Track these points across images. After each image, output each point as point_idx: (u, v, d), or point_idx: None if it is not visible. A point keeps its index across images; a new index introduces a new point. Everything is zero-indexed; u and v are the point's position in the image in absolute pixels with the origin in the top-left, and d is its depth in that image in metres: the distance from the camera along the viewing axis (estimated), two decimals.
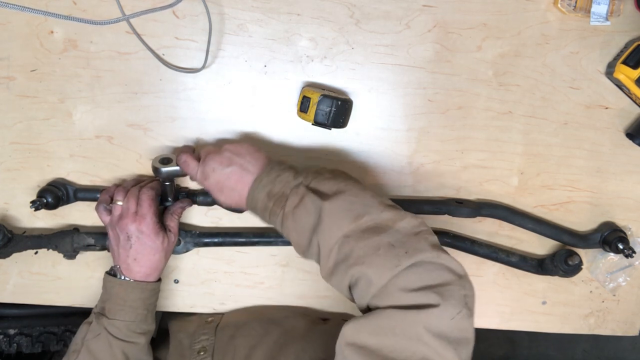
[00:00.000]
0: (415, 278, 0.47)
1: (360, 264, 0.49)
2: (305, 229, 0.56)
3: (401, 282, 0.47)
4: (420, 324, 0.44)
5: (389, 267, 0.48)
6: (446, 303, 0.45)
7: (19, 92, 0.75)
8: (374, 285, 0.48)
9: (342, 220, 0.53)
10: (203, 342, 0.75)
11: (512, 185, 0.83)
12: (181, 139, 0.78)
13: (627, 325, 0.89)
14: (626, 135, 0.81)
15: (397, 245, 0.50)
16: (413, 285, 0.47)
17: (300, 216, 0.56)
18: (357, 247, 0.51)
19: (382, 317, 0.46)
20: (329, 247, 0.53)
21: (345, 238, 0.52)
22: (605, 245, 0.82)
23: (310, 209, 0.56)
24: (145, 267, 0.68)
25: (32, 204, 0.72)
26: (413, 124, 0.80)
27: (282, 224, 0.59)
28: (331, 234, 0.53)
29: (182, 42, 0.75)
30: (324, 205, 0.55)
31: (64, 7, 0.73)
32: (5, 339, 1.01)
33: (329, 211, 0.54)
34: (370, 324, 0.46)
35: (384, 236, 0.51)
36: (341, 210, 0.54)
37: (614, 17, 0.76)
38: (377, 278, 0.48)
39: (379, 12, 0.76)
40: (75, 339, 0.69)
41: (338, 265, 0.52)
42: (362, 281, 0.49)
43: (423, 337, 0.44)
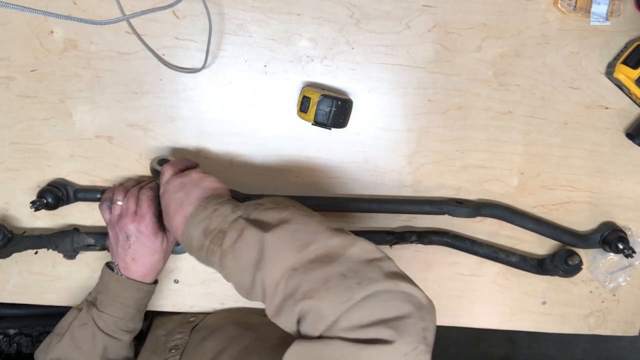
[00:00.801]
0: (368, 312, 0.43)
1: (308, 298, 0.45)
2: (246, 265, 0.50)
3: (354, 317, 0.43)
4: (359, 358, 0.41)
5: (340, 301, 0.43)
6: (400, 339, 0.41)
7: (19, 92, 0.75)
8: (324, 320, 0.43)
9: (287, 251, 0.49)
10: (176, 341, 0.74)
11: (512, 185, 0.83)
12: (181, 139, 0.78)
13: (627, 325, 0.89)
14: (626, 135, 0.81)
15: (348, 276, 0.45)
16: (366, 320, 0.42)
17: (240, 252, 0.51)
18: (305, 280, 0.46)
19: (329, 347, 0.42)
20: (274, 282, 0.48)
21: (292, 271, 0.47)
22: (605, 245, 0.82)
23: (251, 242, 0.50)
24: (143, 267, 0.68)
25: (32, 205, 0.72)
26: (413, 124, 0.80)
27: (221, 263, 0.53)
28: (276, 268, 0.48)
29: (182, 42, 0.75)
30: (266, 237, 0.50)
31: (64, 7, 0.73)
32: (5, 339, 1.01)
33: (272, 243, 0.50)
34: (315, 352, 0.42)
35: (335, 266, 0.46)
36: (285, 240, 0.50)
37: (614, 17, 0.76)
38: (327, 313, 0.43)
39: (379, 12, 0.76)
40: (62, 322, 0.70)
41: (285, 302, 0.47)
42: (311, 315, 0.45)
43: None
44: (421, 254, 0.84)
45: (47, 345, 0.69)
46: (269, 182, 0.80)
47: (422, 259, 0.84)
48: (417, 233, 0.81)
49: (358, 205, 0.79)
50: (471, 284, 0.86)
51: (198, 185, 0.60)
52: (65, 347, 0.68)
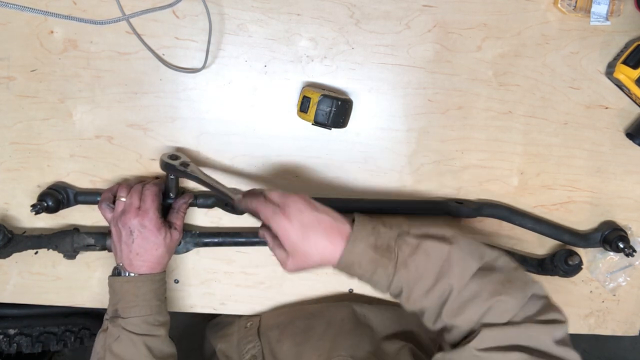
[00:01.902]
0: (538, 303, 0.55)
1: (497, 295, 0.54)
2: (428, 274, 0.56)
3: (531, 307, 0.54)
4: (549, 335, 0.52)
5: (518, 297, 0.54)
6: (565, 319, 0.55)
7: (19, 92, 0.75)
8: (510, 311, 0.53)
9: (470, 261, 0.57)
10: (251, 351, 0.75)
11: (512, 185, 0.83)
12: (181, 139, 0.78)
13: (627, 325, 0.89)
14: (626, 135, 0.81)
15: (512, 280, 0.56)
16: (539, 309, 0.55)
17: (419, 263, 0.56)
18: (487, 282, 0.56)
19: (520, 328, 0.52)
20: (461, 285, 0.55)
21: (475, 276, 0.56)
22: (606, 244, 0.82)
23: (433, 254, 0.57)
24: (149, 262, 0.69)
25: (32, 208, 0.72)
26: (413, 124, 0.80)
27: (395, 274, 0.57)
28: (463, 275, 0.56)
29: (182, 42, 0.75)
30: (452, 248, 0.57)
31: (64, 7, 0.73)
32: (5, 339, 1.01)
33: (457, 254, 0.57)
34: (510, 333, 0.52)
35: (497, 274, 0.57)
36: (467, 252, 0.58)
37: (614, 17, 0.76)
38: (512, 306, 0.53)
39: (379, 12, 0.76)
40: (95, 349, 0.69)
41: (473, 300, 0.55)
42: (497, 309, 0.54)
43: (550, 346, 0.52)
44: None
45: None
46: (269, 182, 0.80)
47: None
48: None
49: (358, 206, 0.79)
50: None
51: (314, 204, 0.61)
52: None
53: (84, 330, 1.07)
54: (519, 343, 0.51)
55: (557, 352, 0.52)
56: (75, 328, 1.06)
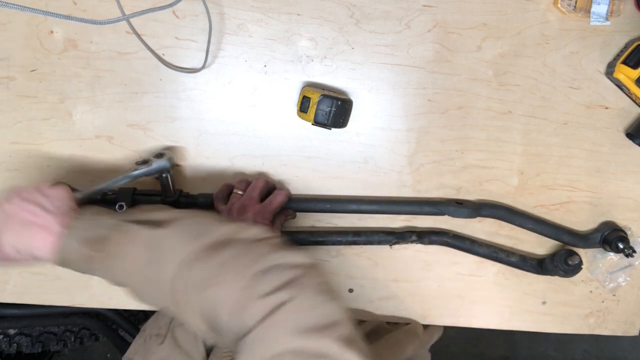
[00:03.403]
0: (265, 284, 0.43)
1: (210, 286, 0.44)
2: (136, 265, 0.49)
3: (253, 292, 0.43)
4: (280, 328, 0.40)
5: (242, 277, 0.44)
6: (301, 295, 0.42)
7: (19, 92, 0.75)
8: (226, 303, 0.43)
9: (180, 244, 0.48)
10: None
11: (512, 185, 0.83)
12: (181, 139, 0.78)
13: (627, 325, 0.89)
14: (626, 135, 0.81)
15: (240, 256, 0.46)
16: (264, 291, 0.43)
17: (128, 253, 0.49)
18: (202, 268, 0.46)
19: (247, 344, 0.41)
20: (169, 277, 0.46)
21: (187, 262, 0.47)
22: (606, 244, 0.82)
23: (141, 240, 0.49)
24: None
25: None
26: (413, 124, 0.80)
27: (112, 267, 0.50)
28: (169, 261, 0.47)
29: (182, 42, 0.75)
30: (157, 233, 0.49)
31: (64, 7, 0.73)
32: (5, 339, 1.01)
33: (164, 237, 0.49)
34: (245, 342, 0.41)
35: (228, 250, 0.47)
36: (179, 234, 0.49)
37: (614, 17, 0.76)
38: (228, 293, 0.43)
39: (379, 12, 0.76)
40: (158, 321, 0.67)
41: (187, 294, 0.45)
42: (218, 307, 0.44)
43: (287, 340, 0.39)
44: (421, 254, 0.84)
45: (147, 348, 0.66)
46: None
47: (422, 259, 0.84)
48: (417, 233, 0.81)
49: (358, 206, 0.79)
50: (471, 284, 0.86)
51: (57, 198, 0.56)
52: (167, 348, 0.65)
53: (84, 330, 1.07)
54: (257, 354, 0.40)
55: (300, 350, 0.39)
56: (75, 328, 1.06)
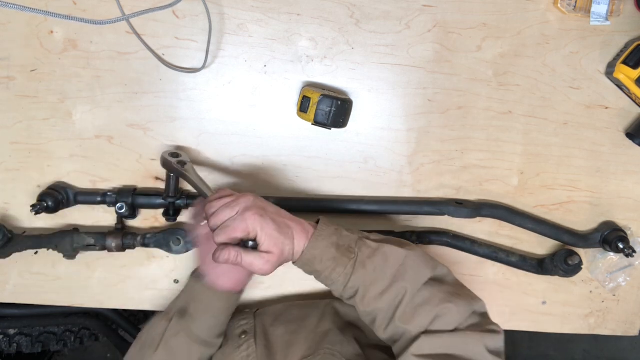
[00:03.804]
0: (479, 316, 0.59)
1: (448, 302, 0.58)
2: (384, 274, 0.60)
3: (474, 319, 0.58)
4: (482, 344, 0.55)
5: (464, 308, 0.58)
6: (502, 331, 0.58)
7: (19, 92, 0.75)
8: (456, 320, 0.57)
9: (425, 268, 0.61)
10: (243, 327, 0.75)
11: (512, 185, 0.83)
12: (181, 139, 0.78)
13: (627, 325, 0.89)
14: (626, 135, 0.81)
15: (460, 293, 0.60)
16: (481, 320, 0.59)
17: (377, 265, 0.60)
18: (438, 291, 0.59)
19: (461, 336, 0.56)
20: (415, 289, 0.59)
21: (427, 283, 0.60)
22: (606, 244, 0.82)
23: (393, 256, 0.61)
24: (233, 281, 0.69)
25: (32, 208, 0.72)
26: (413, 124, 0.80)
27: (353, 273, 0.60)
28: (418, 279, 0.59)
29: (182, 42, 0.75)
30: (409, 254, 0.61)
31: (64, 7, 0.73)
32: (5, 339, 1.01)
33: (413, 259, 0.61)
34: (451, 340, 0.56)
35: (447, 286, 0.61)
36: (421, 260, 0.62)
37: (614, 17, 0.76)
38: (459, 315, 0.57)
39: (379, 12, 0.76)
40: (151, 332, 0.69)
41: (424, 306, 0.58)
42: (446, 316, 0.57)
43: (483, 355, 0.55)
44: None
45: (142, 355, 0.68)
46: (269, 182, 0.80)
47: None
48: (417, 233, 0.81)
49: (358, 206, 0.79)
50: (471, 284, 0.85)
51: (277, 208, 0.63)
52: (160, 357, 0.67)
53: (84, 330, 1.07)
54: (453, 352, 0.54)
55: None
56: (75, 328, 1.06)
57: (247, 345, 0.71)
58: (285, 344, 0.69)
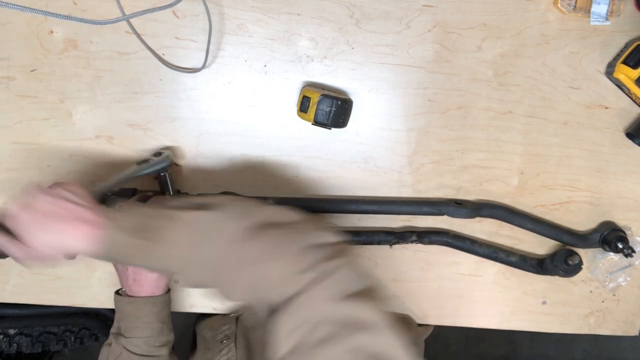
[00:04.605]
0: (307, 259, 0.47)
1: (263, 261, 0.47)
2: (181, 248, 0.50)
3: (296, 267, 0.46)
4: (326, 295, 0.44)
5: (292, 255, 0.47)
6: (340, 269, 0.46)
7: (19, 92, 0.75)
8: (279, 278, 0.46)
9: (232, 223, 0.50)
10: (225, 332, 0.75)
11: (512, 185, 0.83)
12: (181, 139, 0.78)
13: (627, 325, 0.89)
14: (626, 135, 0.81)
15: (285, 235, 0.49)
16: (306, 265, 0.46)
17: (174, 236, 0.50)
18: (250, 246, 0.48)
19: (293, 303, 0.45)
20: (220, 254, 0.49)
21: (236, 242, 0.49)
22: (605, 244, 0.82)
23: (189, 223, 0.51)
24: (147, 286, 0.68)
25: None
26: (413, 124, 0.80)
27: (153, 255, 0.51)
28: (217, 242, 0.49)
29: (182, 42, 0.75)
30: (210, 215, 0.51)
31: (64, 7, 0.73)
32: (5, 339, 1.01)
33: (217, 218, 0.51)
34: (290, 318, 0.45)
35: (274, 230, 0.50)
36: (231, 215, 0.51)
37: (614, 17, 0.76)
38: (282, 271, 0.46)
39: (379, 12, 0.76)
40: None
41: (238, 270, 0.48)
42: (265, 280, 0.47)
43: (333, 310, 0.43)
44: (421, 254, 0.84)
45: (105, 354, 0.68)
46: (269, 182, 0.80)
47: (422, 259, 0.84)
48: (417, 233, 0.81)
49: (358, 206, 0.79)
50: (471, 284, 0.86)
51: (78, 193, 0.56)
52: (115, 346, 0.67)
53: (84, 330, 1.07)
54: (302, 323, 0.43)
55: (342, 315, 0.42)
56: (75, 328, 1.06)
57: (228, 350, 0.71)
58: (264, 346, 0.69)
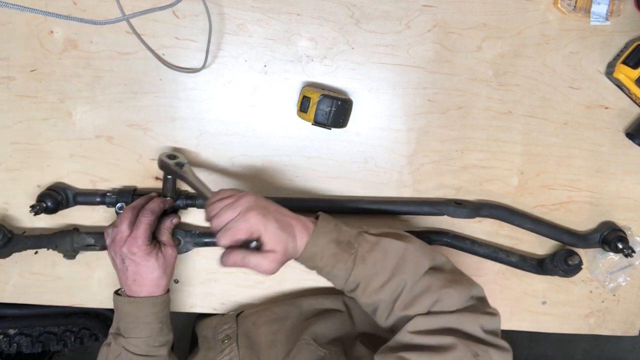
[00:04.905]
0: (477, 301, 0.61)
1: (446, 288, 0.59)
2: (384, 270, 0.60)
3: (469, 303, 0.59)
4: (478, 323, 0.57)
5: (464, 293, 0.59)
6: (497, 314, 0.60)
7: (19, 92, 0.75)
8: (453, 305, 0.58)
9: (423, 259, 0.61)
10: (226, 331, 0.75)
11: (512, 185, 0.83)
12: (181, 139, 0.78)
13: (627, 325, 0.89)
14: (626, 135, 0.81)
15: (458, 280, 0.61)
16: (475, 304, 0.60)
17: (376, 259, 0.61)
18: (436, 278, 0.60)
19: (460, 316, 0.57)
20: (415, 280, 0.60)
21: (424, 275, 0.60)
22: (605, 244, 0.82)
23: (390, 251, 0.61)
24: (146, 286, 0.68)
25: (31, 209, 0.72)
26: (413, 124, 0.80)
27: (354, 268, 0.60)
28: (416, 271, 0.60)
29: (182, 42, 0.75)
30: (408, 247, 0.62)
31: (64, 7, 0.73)
32: (5, 339, 1.01)
33: (413, 251, 0.62)
34: (448, 319, 0.57)
35: (446, 274, 0.62)
36: (420, 251, 0.63)
37: (614, 17, 0.76)
38: (457, 299, 0.58)
39: (379, 12, 0.76)
40: None
41: (424, 294, 0.59)
42: (445, 300, 0.58)
43: (479, 333, 0.57)
44: None
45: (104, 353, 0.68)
46: (269, 182, 0.80)
47: None
48: (417, 233, 0.81)
49: (358, 206, 0.79)
50: None
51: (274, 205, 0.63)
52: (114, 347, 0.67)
53: (84, 330, 1.07)
54: (450, 326, 0.56)
55: (486, 339, 0.56)
56: (75, 328, 1.06)
57: (230, 350, 0.71)
58: (269, 345, 0.69)
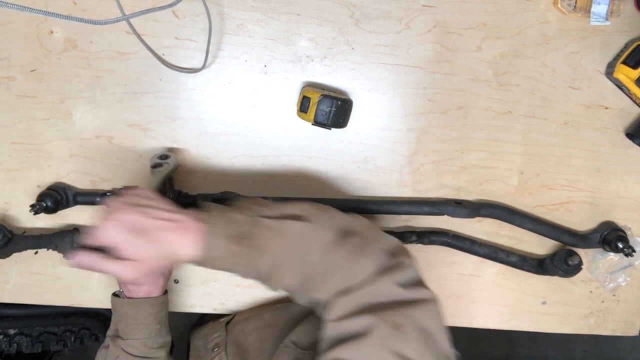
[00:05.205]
0: (389, 256, 0.56)
1: (354, 258, 0.54)
2: (287, 254, 0.56)
3: (381, 262, 0.55)
4: (391, 282, 0.53)
5: (374, 253, 0.55)
6: (410, 264, 0.56)
7: (19, 92, 0.75)
8: (364, 271, 0.53)
9: (326, 232, 0.57)
10: (215, 340, 0.75)
11: (512, 185, 0.83)
12: (181, 139, 0.78)
13: (627, 325, 0.89)
14: (626, 135, 0.81)
15: (369, 240, 0.56)
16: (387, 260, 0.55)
17: (276, 245, 0.56)
18: (343, 250, 0.55)
19: (365, 287, 0.53)
20: (318, 260, 0.55)
21: (329, 249, 0.55)
22: (605, 244, 0.82)
23: (288, 234, 0.56)
24: (144, 287, 0.67)
25: (31, 208, 0.72)
26: (413, 124, 0.80)
27: (257, 262, 0.56)
28: (320, 248, 0.56)
29: (182, 42, 0.75)
30: (304, 226, 0.57)
31: (64, 7, 0.73)
32: (5, 339, 1.01)
33: (311, 230, 0.57)
34: (357, 295, 0.53)
35: (354, 238, 0.57)
36: (321, 225, 0.57)
37: (614, 17, 0.76)
38: (370, 265, 0.54)
39: (379, 12, 0.76)
40: None
41: (330, 271, 0.55)
42: (354, 273, 0.54)
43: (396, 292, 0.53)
44: (421, 254, 0.84)
45: None
46: (269, 182, 0.80)
47: (422, 259, 0.84)
48: (417, 233, 0.81)
49: (358, 206, 0.79)
50: (471, 284, 0.86)
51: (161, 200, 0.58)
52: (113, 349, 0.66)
53: (84, 330, 1.07)
54: (365, 302, 0.51)
55: (405, 297, 0.52)
56: (75, 328, 1.06)
57: (219, 358, 0.71)
58: (256, 352, 0.69)
